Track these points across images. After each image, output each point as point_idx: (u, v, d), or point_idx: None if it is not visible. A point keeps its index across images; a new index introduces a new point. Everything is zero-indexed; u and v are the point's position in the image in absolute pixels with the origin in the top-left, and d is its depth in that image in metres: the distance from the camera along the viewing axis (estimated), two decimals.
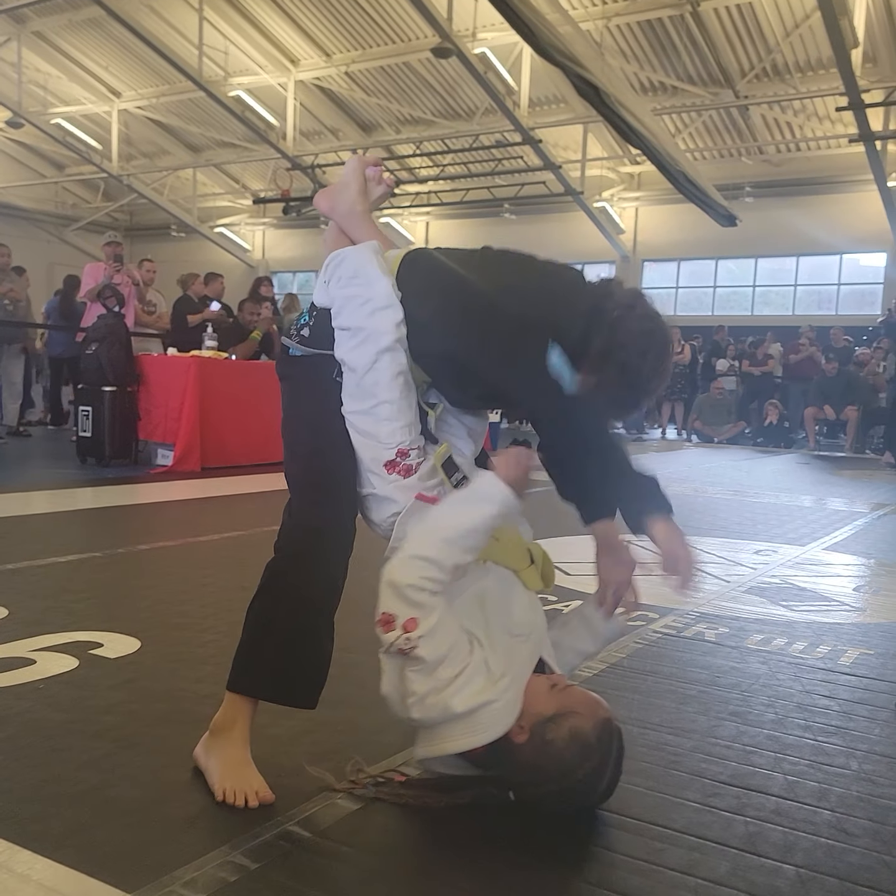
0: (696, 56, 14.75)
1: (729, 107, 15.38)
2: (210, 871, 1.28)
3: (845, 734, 1.94)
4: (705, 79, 15.20)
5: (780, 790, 1.66)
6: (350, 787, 1.54)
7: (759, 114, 15.92)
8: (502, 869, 1.35)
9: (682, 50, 14.66)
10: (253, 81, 17.75)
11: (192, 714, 1.86)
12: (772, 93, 14.85)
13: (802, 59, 14.43)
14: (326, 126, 19.30)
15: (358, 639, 2.45)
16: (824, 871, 1.38)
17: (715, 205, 13.13)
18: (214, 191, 22.67)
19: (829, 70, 13.19)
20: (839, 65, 11.75)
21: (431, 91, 17.51)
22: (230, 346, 7.02)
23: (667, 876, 1.35)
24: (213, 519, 4.34)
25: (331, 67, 17.33)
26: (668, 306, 19.33)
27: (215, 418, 6.28)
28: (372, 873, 1.31)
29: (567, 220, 19.06)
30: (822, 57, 13.73)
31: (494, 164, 16.79)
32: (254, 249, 24.16)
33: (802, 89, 14.38)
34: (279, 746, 1.73)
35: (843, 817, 1.57)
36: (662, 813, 1.55)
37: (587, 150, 16.77)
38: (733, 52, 14.55)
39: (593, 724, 1.46)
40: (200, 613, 2.64)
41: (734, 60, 14.66)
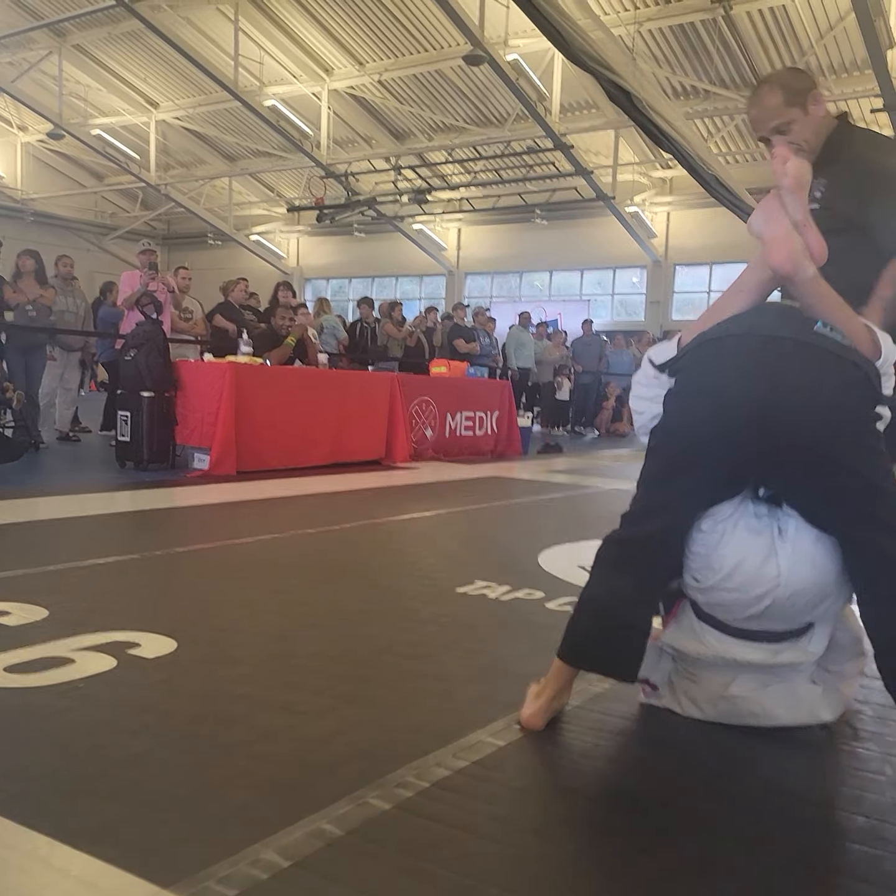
0: (729, 59, 14.67)
1: None
2: (243, 868, 1.30)
3: (880, 739, 1.92)
4: (738, 82, 15.11)
5: (815, 796, 1.65)
6: None
7: None
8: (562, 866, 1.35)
9: (714, 53, 14.59)
10: (287, 91, 17.95)
11: (227, 713, 1.89)
12: None
13: (836, 60, 14.30)
14: (359, 134, 19.46)
15: (391, 642, 2.48)
16: (859, 878, 1.37)
17: (747, 208, 13.02)
18: (250, 199, 22.95)
19: (864, 72, 13.06)
20: (874, 66, 11.64)
21: (463, 98, 17.58)
22: (265, 351, 7.09)
23: (693, 878, 1.35)
24: (248, 522, 4.39)
25: (364, 76, 17.47)
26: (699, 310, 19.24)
27: (250, 423, 6.35)
28: (403, 872, 1.33)
29: (598, 225, 19.02)
30: (856, 58, 13.59)
31: (526, 171, 16.82)
32: (288, 257, 24.40)
33: (837, 91, 14.25)
34: (312, 746, 1.75)
35: (878, 823, 1.55)
36: (693, 813, 1.55)
37: (619, 155, 16.73)
38: (766, 55, 14.45)
39: None
40: (235, 615, 2.68)
41: (767, 63, 14.56)
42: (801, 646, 1.84)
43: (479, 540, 4.35)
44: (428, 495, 5.89)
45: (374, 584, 3.20)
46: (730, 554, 1.73)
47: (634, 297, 20.82)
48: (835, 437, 1.61)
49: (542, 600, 3.00)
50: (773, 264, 1.65)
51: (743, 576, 1.73)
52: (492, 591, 3.11)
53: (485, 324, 12.62)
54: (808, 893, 1.32)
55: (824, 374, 1.62)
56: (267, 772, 1.63)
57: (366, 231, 22.01)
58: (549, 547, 3.95)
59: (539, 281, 21.99)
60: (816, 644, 1.85)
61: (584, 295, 21.13)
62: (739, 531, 1.74)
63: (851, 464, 1.63)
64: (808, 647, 1.84)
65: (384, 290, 22.36)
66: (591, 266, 20.72)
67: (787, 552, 1.71)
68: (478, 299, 20.65)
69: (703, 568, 1.77)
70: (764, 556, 1.72)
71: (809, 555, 1.72)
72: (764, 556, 1.72)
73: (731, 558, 1.73)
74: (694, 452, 1.68)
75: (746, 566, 1.72)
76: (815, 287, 1.69)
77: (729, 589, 1.75)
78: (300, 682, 2.10)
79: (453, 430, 8.56)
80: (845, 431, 1.63)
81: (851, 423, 1.64)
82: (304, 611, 2.76)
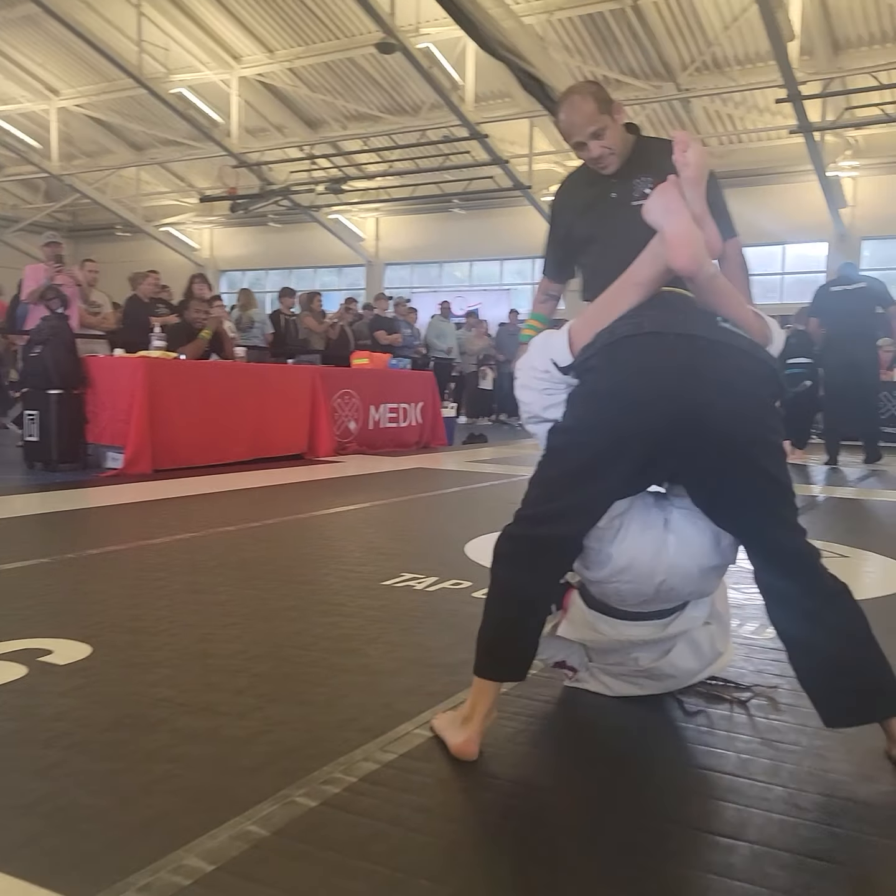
0: (638, 50, 14.89)
1: (671, 100, 15.56)
2: (165, 875, 1.27)
3: (796, 711, 1.98)
4: (647, 72, 15.36)
5: (733, 768, 1.69)
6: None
7: (700, 106, 16.14)
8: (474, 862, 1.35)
9: (623, 44, 14.80)
10: (195, 78, 17.52)
11: (146, 718, 1.83)
12: (712, 85, 15.04)
13: (741, 51, 14.65)
14: (271, 122, 19.13)
15: (315, 637, 2.45)
16: (777, 846, 1.41)
17: None
18: (159, 189, 22.34)
19: (768, 63, 13.40)
20: (777, 57, 11.95)
21: (377, 87, 17.44)
22: (179, 345, 6.92)
23: (626, 858, 1.37)
24: (164, 521, 4.28)
25: (274, 63, 17.18)
26: None
27: (166, 419, 6.19)
28: (331, 869, 1.31)
29: (517, 214, 19.12)
30: (759, 50, 13.94)
31: (442, 160, 16.79)
32: (202, 248, 23.88)
33: (742, 82, 14.61)
34: (235, 747, 1.71)
35: (795, 792, 1.60)
36: (620, 795, 1.57)
37: (534, 144, 16.84)
38: (674, 46, 14.72)
39: None
40: (153, 617, 2.61)
41: (675, 54, 14.84)
42: (687, 614, 1.90)
43: (405, 532, 4.34)
44: (352, 488, 5.85)
45: (298, 579, 3.16)
46: (625, 550, 1.75)
47: None
48: (752, 435, 1.62)
49: (469, 589, 3.01)
50: (677, 266, 1.62)
51: (637, 569, 1.76)
52: (418, 583, 3.10)
53: (406, 314, 12.58)
54: (728, 862, 1.35)
55: (740, 371, 1.62)
56: (189, 776, 1.59)
57: (281, 221, 21.68)
58: (476, 536, 3.96)
59: (459, 271, 22.03)
60: (701, 609, 1.91)
61: (504, 284, 21.25)
62: (634, 526, 1.77)
63: (765, 462, 1.63)
64: (694, 613, 1.90)
65: (303, 282, 22.07)
66: (511, 255, 20.83)
67: (674, 543, 1.75)
68: (399, 290, 20.55)
69: (598, 562, 1.78)
70: (655, 549, 1.75)
71: (694, 544, 1.76)
72: (656, 550, 1.75)
73: (626, 554, 1.75)
74: (614, 453, 1.63)
75: (640, 560, 1.75)
76: (714, 284, 1.69)
77: (623, 581, 1.78)
78: (222, 682, 2.06)
79: (377, 422, 8.51)
80: (760, 429, 1.63)
81: (766, 419, 1.65)
82: (225, 610, 2.71)
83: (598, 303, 1.78)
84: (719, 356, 1.61)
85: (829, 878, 1.32)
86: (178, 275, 11.72)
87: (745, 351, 1.65)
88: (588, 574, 1.83)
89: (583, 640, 1.94)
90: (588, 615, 1.90)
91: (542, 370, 1.77)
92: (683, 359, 1.59)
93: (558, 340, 1.77)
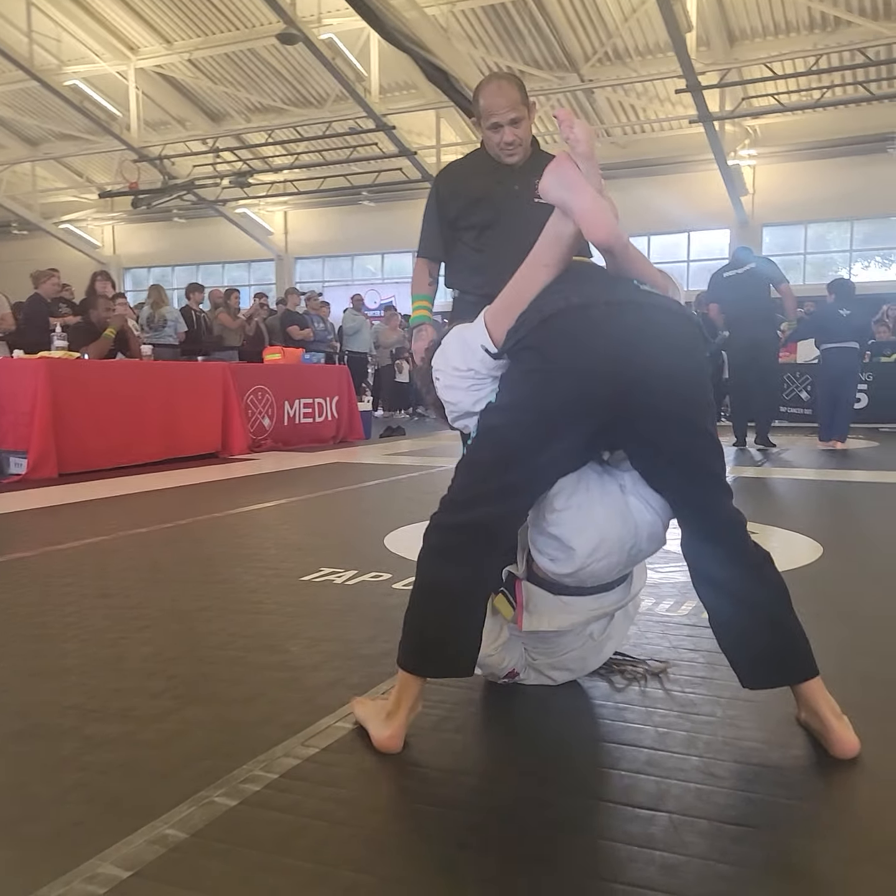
0: (541, 41, 15.05)
1: (575, 90, 15.77)
2: (78, 885, 1.22)
3: (710, 683, 2.03)
4: (551, 63, 15.54)
5: (651, 742, 1.72)
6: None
7: (604, 97, 16.41)
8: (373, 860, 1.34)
9: (526, 35, 14.93)
10: (90, 70, 16.99)
11: (55, 727, 1.77)
12: (614, 76, 15.32)
13: (641, 43, 14.94)
14: (172, 115, 18.69)
15: (232, 636, 2.40)
16: (695, 815, 1.44)
17: None
18: (57, 185, 21.59)
19: (667, 53, 13.70)
20: (675, 48, 12.23)
21: (280, 78, 17.21)
22: (82, 345, 6.71)
23: (548, 835, 1.38)
24: (72, 526, 4.14)
25: (172, 55, 16.78)
26: None
27: (71, 421, 5.99)
28: (252, 868, 1.28)
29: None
30: (659, 41, 14.24)
31: (349, 152, 16.66)
32: (104, 245, 23.19)
33: (643, 72, 14.91)
34: (150, 751, 1.67)
35: (711, 762, 1.64)
36: (544, 773, 1.58)
37: (441, 135, 16.85)
38: (576, 37, 14.92)
39: None
40: (61, 623, 2.52)
41: (577, 45, 15.05)
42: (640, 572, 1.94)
43: (324, 527, 4.30)
44: (268, 486, 5.76)
45: (213, 579, 3.09)
46: (593, 527, 1.70)
47: None
48: (691, 394, 1.62)
49: (389, 581, 2.99)
50: (596, 240, 1.61)
51: (608, 544, 1.71)
52: (338, 577, 3.07)
53: (318, 309, 12.45)
54: (648, 832, 1.37)
55: (671, 330, 1.63)
56: (102, 783, 1.54)
57: (186, 216, 21.21)
58: (396, 528, 3.95)
59: (372, 264, 21.92)
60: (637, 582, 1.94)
61: None
62: (594, 499, 1.71)
63: (704, 420, 1.65)
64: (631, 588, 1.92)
65: (210, 278, 21.63)
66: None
67: (636, 504, 1.72)
68: (310, 284, 20.35)
69: (565, 549, 1.72)
70: (621, 516, 1.71)
71: (651, 499, 1.74)
72: (622, 517, 1.71)
73: (594, 531, 1.70)
74: (561, 425, 1.61)
75: (610, 533, 1.71)
76: (627, 251, 1.69)
77: (597, 560, 1.73)
78: (135, 686, 2.00)
79: (292, 418, 8.41)
80: (698, 388, 1.64)
81: (702, 377, 1.67)
82: (137, 613, 2.63)
83: (509, 289, 1.75)
84: (649, 319, 1.61)
85: (745, 843, 1.36)
86: (81, 273, 11.33)
87: (671, 310, 1.65)
88: (557, 569, 1.76)
89: (559, 627, 1.87)
90: (556, 601, 1.84)
91: (465, 369, 1.73)
92: (617, 326, 1.59)
93: (478, 333, 1.73)
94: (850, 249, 18.06)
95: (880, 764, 1.61)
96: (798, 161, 16.80)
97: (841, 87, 14.10)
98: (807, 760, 1.63)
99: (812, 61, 13.55)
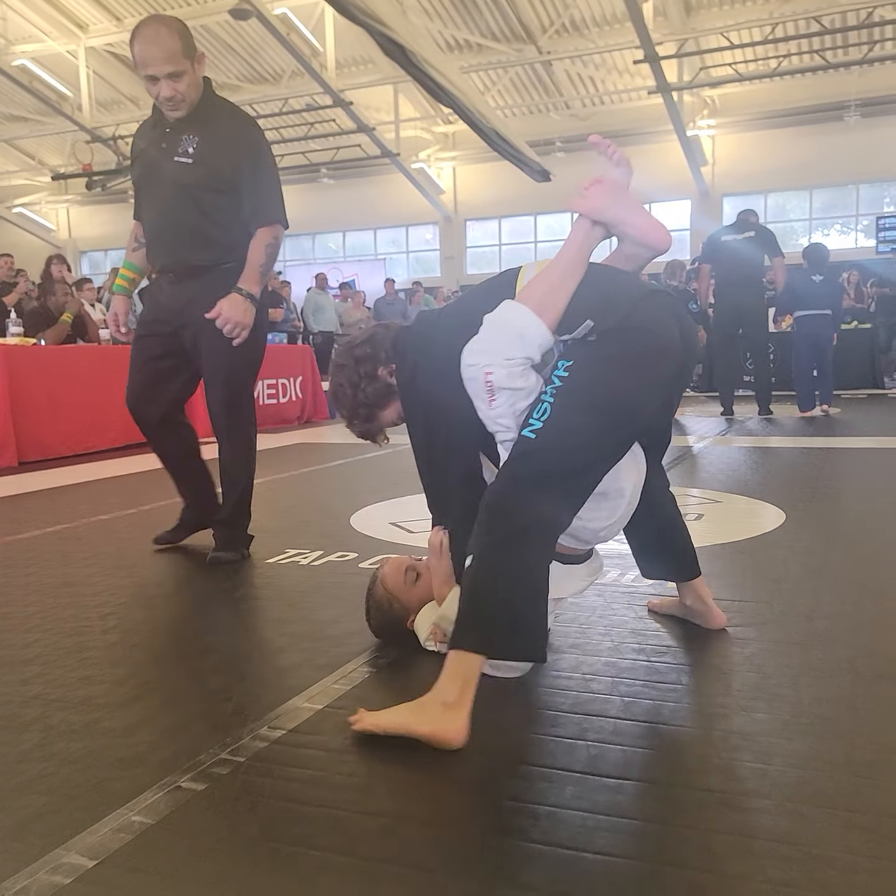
0: (498, 13, 14.92)
1: (533, 63, 15.68)
2: (43, 876, 1.21)
3: (675, 652, 2.05)
4: (508, 35, 15.42)
5: (617, 712, 1.73)
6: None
7: (562, 69, 16.32)
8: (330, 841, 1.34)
9: (483, 7, 14.79)
10: (38, 49, 16.58)
11: (17, 717, 1.75)
12: (572, 48, 15.24)
13: (598, 13, 14.87)
14: (125, 95, 18.32)
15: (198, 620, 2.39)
16: (661, 782, 1.46)
17: (528, 161, 13.35)
18: (7, 168, 21.11)
19: (624, 24, 13.65)
20: (633, 18, 12.18)
21: (234, 55, 16.92)
22: (38, 331, 6.59)
23: (516, 807, 1.38)
24: (32, 514, 4.08)
25: (123, 32, 16.38)
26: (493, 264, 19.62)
27: (29, 409, 5.90)
28: (219, 853, 1.28)
29: (388, 182, 18.97)
30: (616, 11, 14.18)
31: (307, 129, 16.46)
32: (59, 229, 22.76)
33: (601, 44, 14.85)
34: (115, 738, 1.65)
35: (676, 728, 1.65)
36: (510, 747, 1.59)
37: (400, 110, 16.70)
38: (532, 9, 14.81)
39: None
40: (23, 614, 2.48)
41: (534, 17, 14.93)
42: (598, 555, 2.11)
43: (289, 508, 4.27)
44: None
45: (178, 564, 3.07)
46: (629, 467, 1.90)
47: (429, 253, 20.97)
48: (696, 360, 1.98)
49: (355, 561, 2.99)
50: (663, 249, 1.88)
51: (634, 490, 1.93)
52: (303, 558, 3.06)
53: (279, 288, 12.33)
54: (615, 801, 1.39)
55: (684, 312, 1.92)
56: (65, 772, 1.52)
57: None
58: (361, 508, 3.93)
59: (333, 242, 21.72)
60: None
61: (379, 254, 21.09)
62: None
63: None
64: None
65: None
66: (385, 225, 20.68)
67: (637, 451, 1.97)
68: None
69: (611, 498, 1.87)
70: (635, 459, 1.95)
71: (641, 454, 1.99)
72: (636, 459, 1.95)
73: (633, 471, 1.92)
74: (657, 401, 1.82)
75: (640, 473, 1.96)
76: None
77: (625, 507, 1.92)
78: (99, 675, 1.98)
79: (256, 399, 8.32)
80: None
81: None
82: (101, 601, 2.60)
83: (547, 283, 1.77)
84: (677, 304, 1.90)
85: (708, 805, 1.37)
86: (36, 258, 11.11)
87: (671, 294, 1.95)
88: (598, 525, 1.89)
89: (569, 594, 2.05)
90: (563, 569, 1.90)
91: (524, 357, 1.71)
92: (675, 310, 1.85)
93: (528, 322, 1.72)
94: (810, 218, 18.22)
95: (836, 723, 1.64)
96: (756, 131, 16.86)
97: (797, 55, 14.16)
98: (769, 724, 1.65)
99: (768, 30, 13.58)
